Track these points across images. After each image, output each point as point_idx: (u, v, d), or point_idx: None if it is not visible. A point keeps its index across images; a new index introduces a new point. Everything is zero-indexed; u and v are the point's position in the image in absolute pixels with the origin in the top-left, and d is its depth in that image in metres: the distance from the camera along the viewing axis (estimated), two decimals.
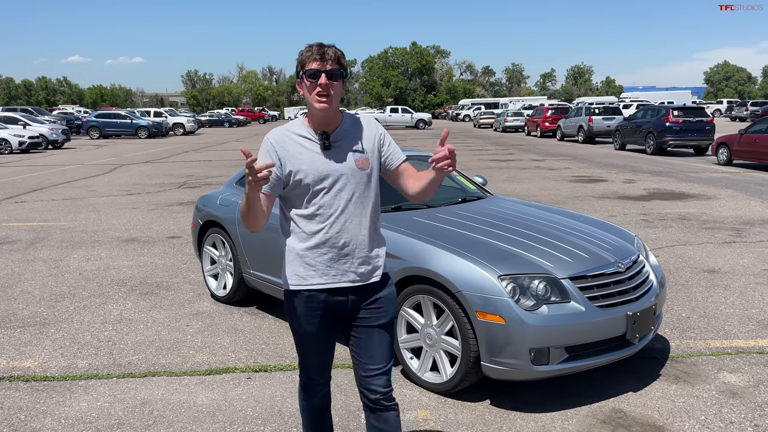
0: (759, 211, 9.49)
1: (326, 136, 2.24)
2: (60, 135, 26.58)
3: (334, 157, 2.24)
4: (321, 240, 2.24)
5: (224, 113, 61.21)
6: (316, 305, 2.29)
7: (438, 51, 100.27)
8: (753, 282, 5.71)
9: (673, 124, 19.45)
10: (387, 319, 2.37)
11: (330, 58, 2.17)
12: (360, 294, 2.33)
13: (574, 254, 3.66)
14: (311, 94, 2.19)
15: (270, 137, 2.29)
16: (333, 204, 2.23)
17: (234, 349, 4.33)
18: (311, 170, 2.22)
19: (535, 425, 3.24)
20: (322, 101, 2.18)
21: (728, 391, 3.60)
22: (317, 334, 2.34)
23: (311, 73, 2.16)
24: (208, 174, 15.69)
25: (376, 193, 2.35)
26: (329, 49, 2.19)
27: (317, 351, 2.39)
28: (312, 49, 2.18)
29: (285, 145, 2.25)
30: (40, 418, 3.35)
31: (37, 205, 10.81)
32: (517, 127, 37.46)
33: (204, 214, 5.44)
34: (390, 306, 2.39)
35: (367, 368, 2.33)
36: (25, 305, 5.29)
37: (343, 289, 2.30)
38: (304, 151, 2.24)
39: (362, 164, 2.28)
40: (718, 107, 54.99)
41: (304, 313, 2.31)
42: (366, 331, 2.34)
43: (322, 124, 2.26)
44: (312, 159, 2.23)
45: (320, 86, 2.16)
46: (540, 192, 11.82)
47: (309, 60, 2.17)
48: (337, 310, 2.32)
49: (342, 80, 2.23)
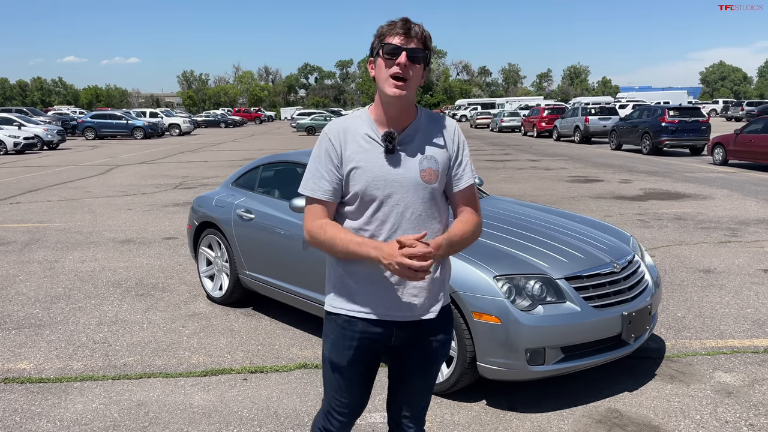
0: (754, 211, 9.52)
1: (391, 138, 1.88)
2: (55, 136, 26.53)
3: (397, 164, 1.88)
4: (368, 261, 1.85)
5: (220, 114, 61.17)
6: (353, 334, 1.94)
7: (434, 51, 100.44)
8: (748, 282, 5.73)
9: (669, 124, 19.51)
10: (437, 365, 2.05)
11: (415, 36, 1.83)
12: (409, 331, 1.96)
13: (570, 254, 3.67)
14: (386, 76, 1.83)
15: (328, 131, 1.94)
16: (386, 219, 1.88)
17: (230, 350, 4.32)
18: (365, 175, 1.87)
19: (531, 425, 3.25)
20: (398, 86, 1.82)
21: (723, 390, 3.61)
22: (349, 367, 1.98)
23: (390, 49, 1.81)
24: (203, 175, 15.67)
25: (444, 212, 1.99)
26: (416, 25, 1.85)
27: (348, 388, 2.01)
28: (396, 23, 1.84)
29: (345, 137, 1.91)
30: (35, 420, 3.34)
31: (33, 206, 10.78)
32: (514, 128, 37.49)
33: (200, 215, 5.43)
34: (445, 350, 2.04)
35: (404, 408, 2.09)
36: (20, 307, 5.27)
37: (388, 323, 1.93)
38: (364, 152, 1.89)
39: (428, 176, 1.90)
40: (714, 107, 55.14)
41: (337, 340, 1.97)
42: (411, 375, 2.03)
43: (392, 119, 1.90)
44: (369, 162, 1.88)
45: (398, 66, 1.81)
46: (536, 192, 11.84)
47: (390, 34, 1.83)
48: (378, 344, 1.96)
49: (425, 65, 1.88)
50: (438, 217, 1.96)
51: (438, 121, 1.98)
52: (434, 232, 1.94)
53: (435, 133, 1.95)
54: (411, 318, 1.94)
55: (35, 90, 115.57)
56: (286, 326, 4.75)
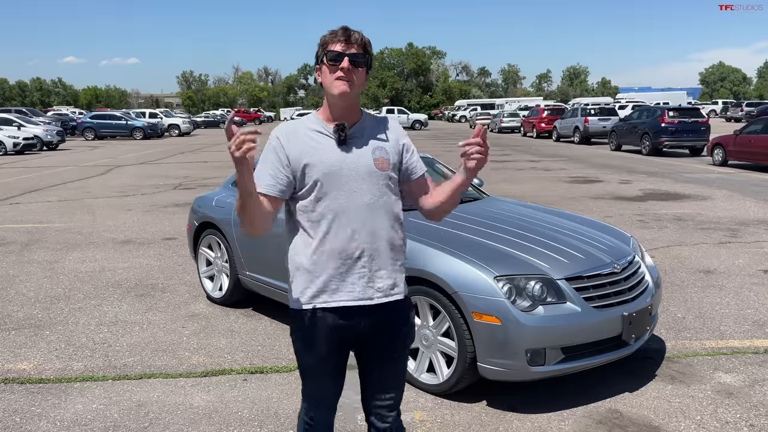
0: (754, 211, 9.53)
1: (343, 128, 1.99)
2: (55, 136, 26.52)
3: (351, 152, 1.99)
4: (332, 250, 1.96)
5: (220, 114, 61.17)
6: (323, 326, 2.00)
7: (434, 52, 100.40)
8: (748, 282, 5.73)
9: (669, 124, 19.51)
10: (405, 348, 2.13)
11: (356, 42, 1.96)
12: (375, 316, 2.03)
13: (570, 255, 3.67)
14: (331, 80, 1.95)
15: (277, 132, 2.04)
16: (346, 207, 1.96)
17: (230, 350, 4.32)
18: (321, 165, 1.96)
19: (531, 426, 3.25)
20: (343, 86, 1.94)
21: (724, 391, 3.61)
22: (323, 360, 2.05)
23: (333, 55, 1.94)
24: (203, 175, 15.66)
25: (398, 200, 2.09)
26: (355, 33, 1.98)
27: (322, 380, 2.10)
28: (336, 32, 1.97)
29: (294, 138, 2.00)
30: (35, 421, 3.33)
31: (32, 206, 10.78)
32: (513, 128, 37.50)
33: (200, 216, 5.42)
34: (410, 331, 2.14)
35: (378, 397, 2.13)
36: (19, 307, 5.27)
37: (356, 309, 2.00)
38: (316, 144, 1.99)
39: (382, 164, 2.01)
40: (714, 108, 55.13)
41: (309, 335, 2.03)
42: (381, 361, 2.10)
43: (340, 117, 2.01)
44: (325, 153, 1.97)
45: (342, 70, 1.93)
46: (536, 193, 11.84)
47: (332, 41, 1.96)
48: (349, 332, 2.03)
49: (366, 68, 2.00)
50: (393, 204, 2.06)
51: (382, 120, 2.12)
52: (390, 219, 2.04)
53: (381, 129, 2.09)
54: (376, 301, 2.02)
55: (35, 90, 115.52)
56: (286, 327, 4.74)
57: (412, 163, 2.12)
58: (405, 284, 2.13)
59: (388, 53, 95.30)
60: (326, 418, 2.20)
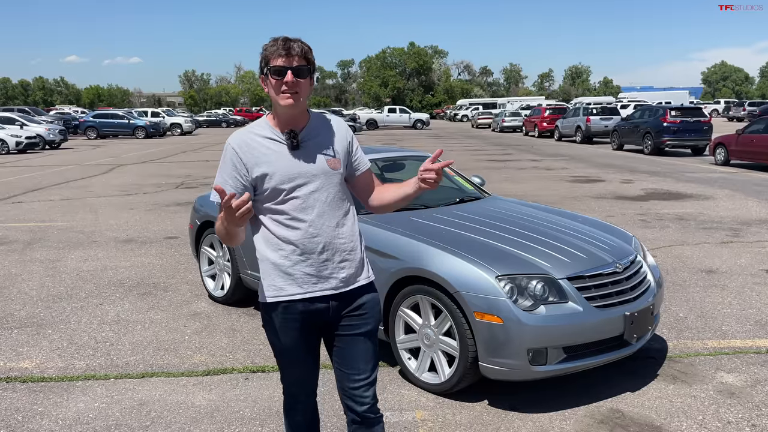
0: (756, 211, 9.51)
1: (294, 135, 2.09)
2: (57, 135, 26.53)
3: (304, 157, 2.10)
4: (296, 246, 2.09)
5: (222, 113, 61.20)
6: (294, 316, 2.13)
7: (436, 51, 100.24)
8: (750, 282, 5.72)
9: (671, 124, 19.48)
10: (371, 326, 2.23)
11: (296, 54, 2.01)
12: (341, 300, 2.17)
13: (572, 254, 3.66)
14: (277, 92, 2.03)
15: (232, 142, 2.12)
16: (306, 207, 2.08)
17: (232, 349, 4.32)
18: (280, 172, 2.06)
19: (533, 425, 3.24)
20: (289, 98, 2.02)
21: (726, 391, 3.60)
22: (297, 348, 2.18)
23: (276, 70, 2.00)
24: (205, 174, 15.67)
25: (349, 195, 2.25)
26: (295, 43, 2.02)
27: (298, 366, 2.24)
28: (277, 44, 2.01)
29: (249, 148, 2.09)
30: (37, 419, 3.34)
31: (35, 205, 10.79)
32: (515, 128, 37.47)
33: (201, 215, 5.43)
34: (374, 311, 2.25)
35: (354, 379, 2.20)
36: (22, 306, 5.28)
37: (323, 297, 2.14)
38: (271, 153, 2.08)
39: (334, 164, 2.14)
40: (716, 107, 55.09)
41: (281, 326, 2.15)
42: (350, 341, 2.20)
43: (289, 123, 2.11)
44: (280, 160, 2.08)
45: (286, 84, 2.01)
46: (538, 192, 11.83)
47: (274, 56, 2.01)
48: (317, 319, 2.16)
49: (310, 77, 2.08)
50: (347, 199, 2.22)
51: (327, 121, 2.22)
52: (345, 211, 2.18)
53: (328, 130, 2.20)
54: (342, 289, 2.16)
55: (37, 89, 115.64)
56: None
57: (357, 159, 2.25)
58: (368, 268, 2.27)
59: (390, 52, 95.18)
60: (307, 401, 2.33)
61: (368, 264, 2.27)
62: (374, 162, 4.91)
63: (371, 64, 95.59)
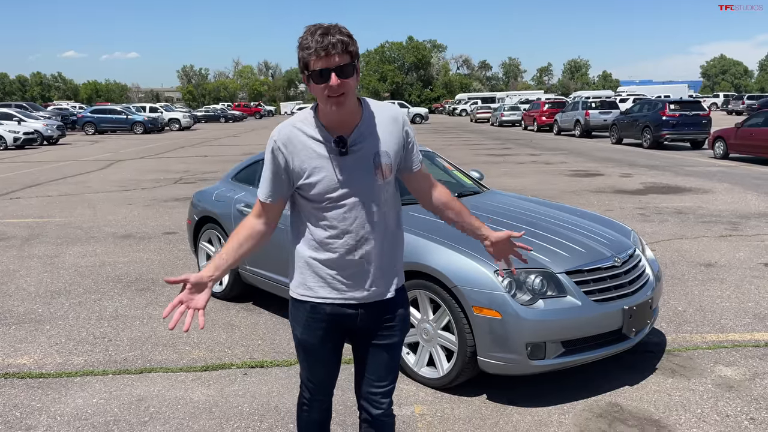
0: (755, 204, 9.51)
1: (343, 143, 1.92)
2: (55, 131, 26.52)
3: (352, 165, 1.94)
4: (333, 253, 2.00)
5: (220, 108, 61.11)
6: (321, 316, 2.07)
7: (434, 45, 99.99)
8: (749, 275, 5.72)
9: (670, 117, 19.47)
10: (399, 338, 2.17)
11: (337, 52, 1.79)
12: (371, 309, 2.08)
13: (571, 249, 3.66)
14: (321, 94, 1.85)
15: (276, 137, 1.97)
16: (349, 217, 1.97)
17: (230, 345, 4.32)
18: (324, 180, 1.93)
19: (531, 419, 3.24)
20: (337, 102, 1.84)
21: (724, 384, 3.60)
22: (321, 347, 2.13)
23: (317, 75, 1.81)
24: (203, 170, 15.65)
25: (398, 198, 2.12)
26: (333, 37, 1.79)
27: (321, 366, 2.20)
28: (314, 40, 1.79)
29: (293, 147, 1.95)
30: (35, 415, 3.34)
31: (32, 201, 10.77)
32: (514, 122, 37.42)
33: (200, 210, 5.42)
34: (404, 324, 2.19)
35: (374, 385, 2.18)
36: (20, 302, 5.27)
37: (354, 304, 2.07)
38: (317, 157, 1.94)
39: (384, 171, 1.98)
40: (715, 101, 55.02)
41: (307, 324, 2.10)
42: (375, 350, 2.14)
43: (338, 125, 1.93)
44: (325, 167, 1.93)
45: (330, 89, 1.81)
46: (537, 186, 11.82)
47: (311, 59, 1.80)
48: (345, 324, 2.10)
49: (356, 71, 1.86)
50: (394, 206, 2.09)
51: (384, 111, 2.03)
52: (393, 219, 2.07)
53: (383, 124, 2.00)
54: (374, 299, 2.07)
55: (35, 85, 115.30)
56: (286, 321, 4.74)
57: (412, 157, 2.10)
58: (402, 277, 2.19)
59: (388, 47, 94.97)
60: (324, 399, 2.30)
61: (402, 272, 2.19)
62: None
63: (370, 58, 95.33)
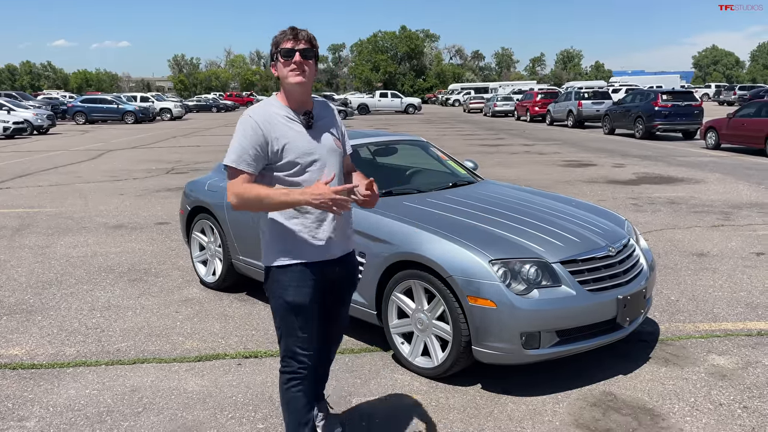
0: (747, 194, 9.55)
1: (310, 116, 2.39)
2: (45, 120, 26.25)
3: (316, 136, 2.41)
4: (311, 215, 2.37)
5: (212, 98, 60.65)
6: (308, 276, 2.39)
7: (427, 35, 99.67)
8: (741, 265, 5.75)
9: (662, 108, 19.51)
10: (353, 292, 2.71)
11: (303, 39, 2.31)
12: (342, 266, 2.51)
13: (565, 238, 3.66)
14: (286, 72, 2.31)
15: (253, 115, 2.34)
16: (316, 177, 2.36)
17: (224, 335, 4.30)
18: (298, 148, 2.34)
19: (526, 408, 3.25)
20: (298, 77, 2.30)
21: (717, 373, 3.62)
22: (311, 306, 2.41)
23: (285, 51, 2.30)
24: (195, 159, 15.56)
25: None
26: (302, 31, 2.34)
27: (313, 324, 2.44)
28: (285, 32, 2.33)
29: (270, 124, 2.33)
30: (27, 406, 3.31)
31: (23, 191, 10.68)
32: (507, 112, 37.40)
33: (192, 200, 5.38)
34: (357, 278, 2.69)
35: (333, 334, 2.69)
36: (11, 293, 5.23)
37: (332, 261, 2.46)
38: (289, 130, 2.35)
39: (338, 143, 2.48)
40: (707, 91, 55.17)
41: (297, 286, 2.37)
42: (339, 302, 2.63)
43: (300, 104, 2.39)
44: (298, 137, 2.35)
45: (295, 63, 2.30)
46: (530, 176, 11.83)
47: (283, 40, 2.31)
48: (326, 281, 2.45)
49: (314, 60, 2.36)
50: (343, 177, 2.55)
51: (327, 105, 2.55)
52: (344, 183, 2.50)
53: (330, 114, 2.54)
54: (343, 252, 2.51)
55: (24, 74, 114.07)
56: None
57: (346, 142, 2.61)
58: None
59: (381, 36, 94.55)
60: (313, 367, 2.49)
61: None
62: (366, 146, 4.87)
63: (362, 48, 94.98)
